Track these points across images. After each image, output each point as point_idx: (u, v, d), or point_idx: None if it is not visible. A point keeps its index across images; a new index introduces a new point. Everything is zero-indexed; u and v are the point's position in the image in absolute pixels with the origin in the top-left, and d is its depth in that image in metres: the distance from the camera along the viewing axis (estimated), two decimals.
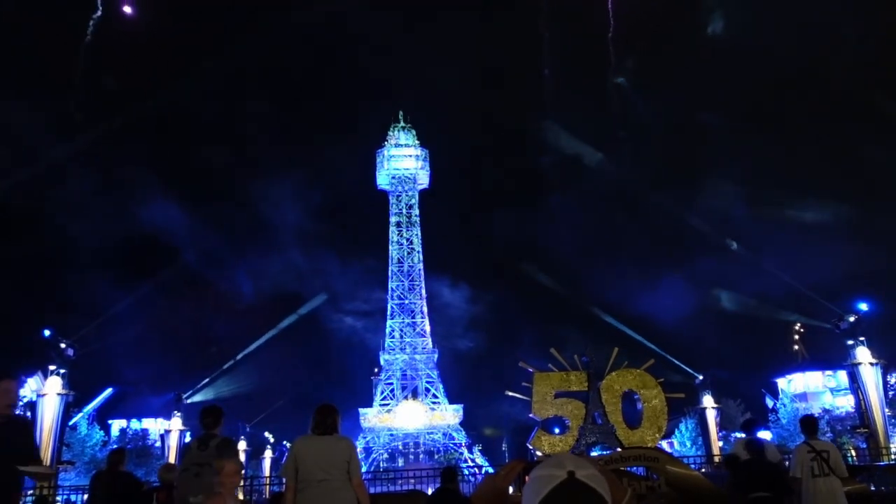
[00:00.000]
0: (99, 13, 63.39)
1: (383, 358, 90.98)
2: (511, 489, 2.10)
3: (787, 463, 9.83)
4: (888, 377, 32.30)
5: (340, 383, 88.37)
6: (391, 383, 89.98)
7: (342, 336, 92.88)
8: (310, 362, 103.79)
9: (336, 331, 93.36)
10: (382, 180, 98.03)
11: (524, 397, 11.68)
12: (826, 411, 45.37)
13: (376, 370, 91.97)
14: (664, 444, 36.12)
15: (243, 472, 9.61)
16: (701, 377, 32.21)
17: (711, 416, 31.43)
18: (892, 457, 22.81)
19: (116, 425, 53.63)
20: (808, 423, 9.11)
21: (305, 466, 6.75)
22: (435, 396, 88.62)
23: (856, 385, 24.56)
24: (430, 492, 13.88)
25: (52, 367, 21.59)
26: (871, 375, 24.16)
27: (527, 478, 1.90)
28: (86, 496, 14.95)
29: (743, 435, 11.40)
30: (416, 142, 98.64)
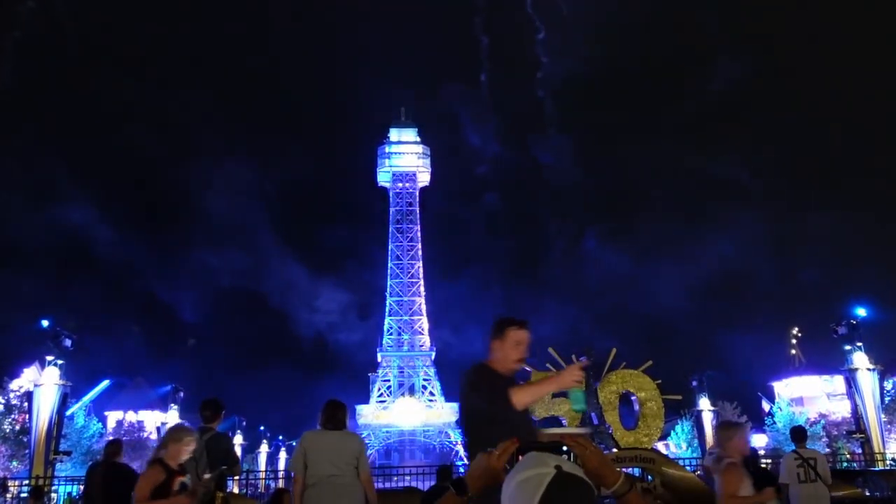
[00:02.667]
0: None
1: (381, 355, 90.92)
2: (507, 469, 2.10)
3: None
4: (884, 383, 32.31)
5: (337, 379, 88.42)
6: (388, 380, 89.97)
7: (338, 333, 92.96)
8: (307, 358, 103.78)
9: (332, 328, 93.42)
10: (383, 177, 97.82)
11: None
12: (822, 416, 45.39)
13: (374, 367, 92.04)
14: (660, 446, 36.10)
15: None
16: (698, 379, 32.18)
17: (708, 419, 31.36)
18: (888, 462, 22.83)
19: (113, 417, 53.62)
20: (797, 433, 9.66)
21: (315, 461, 6.73)
22: (432, 394, 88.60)
23: (852, 390, 24.56)
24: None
25: (49, 358, 21.48)
26: (867, 381, 24.14)
27: (520, 457, 1.92)
28: (81, 487, 14.94)
29: None
30: (418, 138, 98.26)
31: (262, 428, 59.87)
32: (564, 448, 1.97)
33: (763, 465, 10.35)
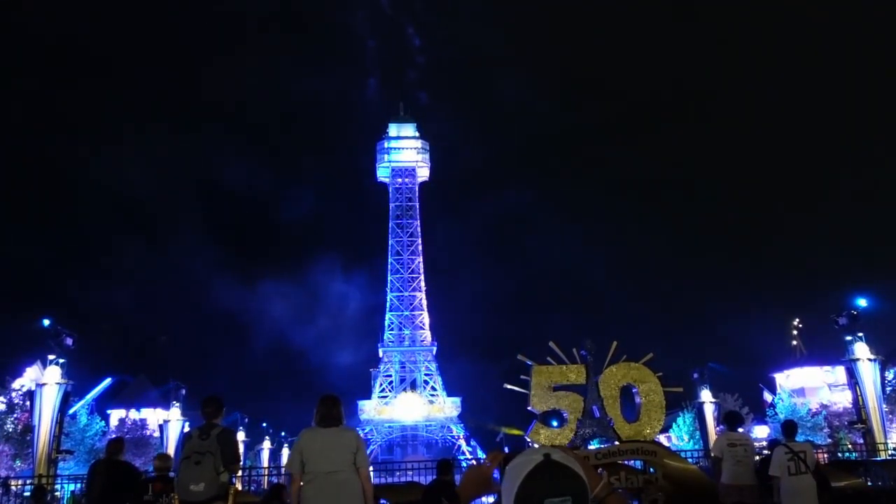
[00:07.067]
0: None
1: (382, 350, 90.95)
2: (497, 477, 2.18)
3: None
4: (886, 373, 32.32)
5: (339, 375, 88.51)
6: (390, 376, 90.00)
7: (340, 328, 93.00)
8: (308, 354, 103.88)
9: (334, 323, 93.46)
10: (382, 172, 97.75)
11: (522, 390, 11.67)
12: (824, 406, 45.42)
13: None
14: (662, 438, 36.11)
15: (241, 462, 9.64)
16: (699, 372, 32.21)
17: (709, 411, 31.41)
18: (889, 452, 22.88)
19: (115, 415, 53.70)
20: (788, 427, 10.05)
21: (313, 459, 6.75)
22: (433, 389, 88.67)
23: (853, 381, 24.55)
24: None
25: (51, 357, 21.51)
26: (868, 371, 24.14)
27: (507, 467, 2.00)
28: (84, 485, 14.95)
29: (722, 428, 11.62)
30: (417, 133, 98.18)
31: (264, 424, 59.93)
32: None
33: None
